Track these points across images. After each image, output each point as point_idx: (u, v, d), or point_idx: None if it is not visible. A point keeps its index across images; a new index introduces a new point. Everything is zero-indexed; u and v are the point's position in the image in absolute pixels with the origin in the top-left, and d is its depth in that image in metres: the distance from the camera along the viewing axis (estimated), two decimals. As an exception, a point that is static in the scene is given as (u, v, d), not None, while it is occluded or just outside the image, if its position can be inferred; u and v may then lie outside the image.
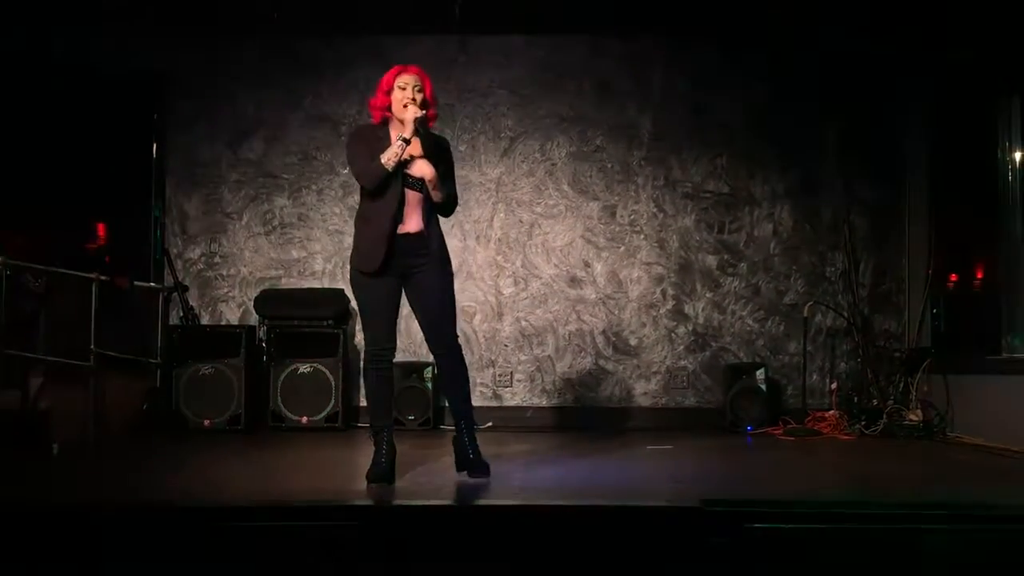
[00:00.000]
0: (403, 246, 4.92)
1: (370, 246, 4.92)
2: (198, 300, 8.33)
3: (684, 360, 8.32)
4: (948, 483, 5.40)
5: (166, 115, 8.46)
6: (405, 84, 4.97)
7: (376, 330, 5.02)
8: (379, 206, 4.91)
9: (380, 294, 4.97)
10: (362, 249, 4.98)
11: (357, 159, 5.00)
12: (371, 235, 4.93)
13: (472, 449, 5.08)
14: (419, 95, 4.96)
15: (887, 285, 8.35)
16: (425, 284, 5.01)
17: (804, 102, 8.35)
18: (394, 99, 4.97)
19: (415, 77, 5.00)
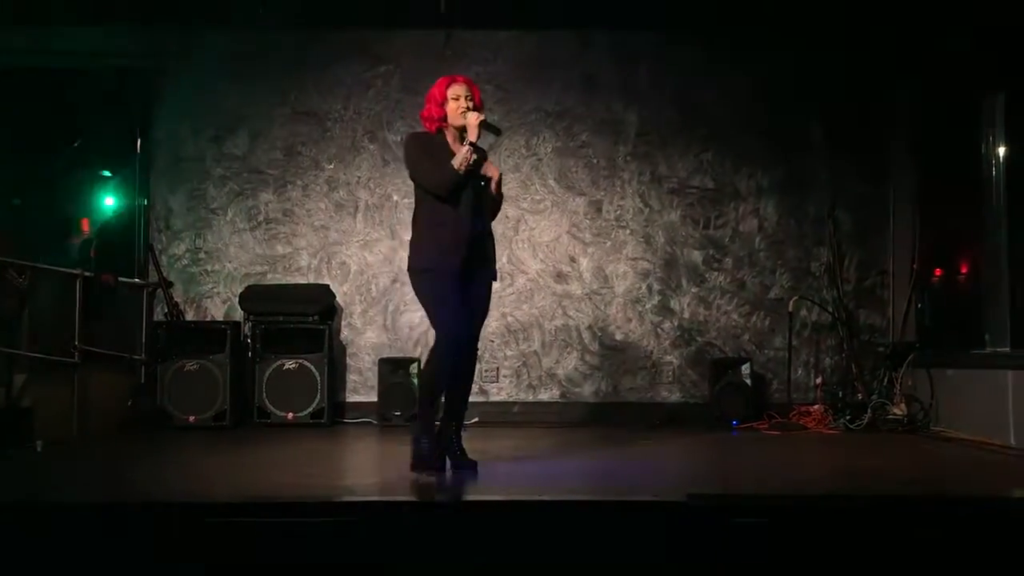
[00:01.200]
0: (477, 244, 5.10)
1: (449, 247, 5.04)
2: (183, 296, 8.30)
3: (670, 355, 8.34)
4: (932, 477, 5.43)
5: (151, 110, 8.41)
6: (458, 95, 5.17)
7: (457, 319, 5.05)
8: (453, 209, 5.07)
9: (456, 290, 5.04)
10: (438, 251, 5.06)
11: (425, 167, 5.15)
12: (448, 237, 5.05)
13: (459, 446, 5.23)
14: (471, 103, 5.17)
15: (872, 280, 8.38)
16: (477, 283, 5.16)
17: (789, 97, 8.38)
18: (449, 110, 5.18)
19: (465, 87, 5.22)
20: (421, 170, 5.17)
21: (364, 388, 8.26)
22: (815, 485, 5.15)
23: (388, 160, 8.42)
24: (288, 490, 4.64)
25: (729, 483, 5.11)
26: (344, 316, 8.34)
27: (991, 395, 6.60)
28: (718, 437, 7.21)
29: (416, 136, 5.31)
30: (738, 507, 4.09)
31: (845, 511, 4.17)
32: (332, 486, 4.91)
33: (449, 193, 5.05)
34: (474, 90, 5.23)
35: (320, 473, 5.37)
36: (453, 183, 5.04)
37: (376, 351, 8.28)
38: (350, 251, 8.39)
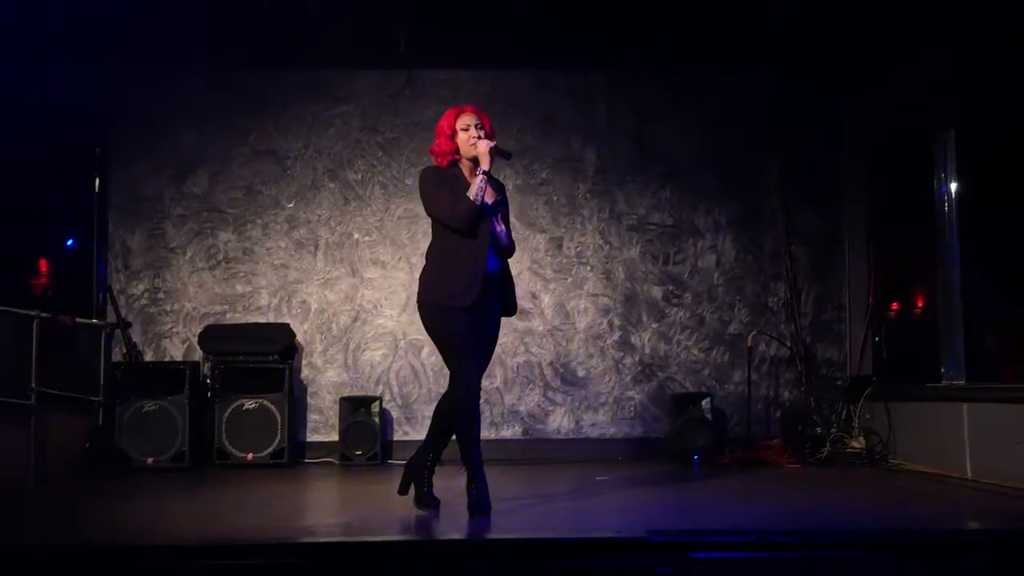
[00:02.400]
0: (490, 284, 5.04)
1: (466, 282, 4.96)
2: (141, 336, 8.23)
3: (631, 390, 8.37)
4: (890, 509, 5.48)
5: (109, 149, 8.38)
6: (467, 125, 5.11)
7: (471, 363, 5.02)
8: (470, 242, 4.99)
9: (469, 328, 4.99)
10: (454, 285, 4.99)
11: (441, 201, 5.04)
12: (464, 270, 4.98)
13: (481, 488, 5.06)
14: (481, 131, 5.10)
15: (828, 314, 8.48)
16: (490, 326, 5.15)
17: (746, 134, 8.50)
18: (460, 141, 5.12)
19: (473, 116, 5.15)
20: (437, 203, 5.07)
21: (325, 427, 8.21)
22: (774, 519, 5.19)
23: (349, 198, 8.43)
24: (248, 532, 4.61)
25: (690, 518, 5.13)
26: (304, 355, 8.31)
27: (947, 428, 6.68)
28: (679, 472, 7.24)
29: (429, 170, 5.21)
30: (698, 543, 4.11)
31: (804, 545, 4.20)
32: (292, 527, 4.87)
33: (467, 225, 4.96)
34: (483, 118, 5.15)
35: (280, 514, 5.34)
36: (470, 215, 4.95)
37: (337, 390, 8.24)
38: (310, 289, 8.37)
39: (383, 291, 8.38)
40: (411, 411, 8.28)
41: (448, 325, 5.01)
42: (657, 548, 4.05)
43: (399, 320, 8.35)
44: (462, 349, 5.00)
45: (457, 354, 5.03)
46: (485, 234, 5.00)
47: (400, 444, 8.17)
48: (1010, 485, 5.86)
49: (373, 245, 8.42)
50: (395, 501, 5.28)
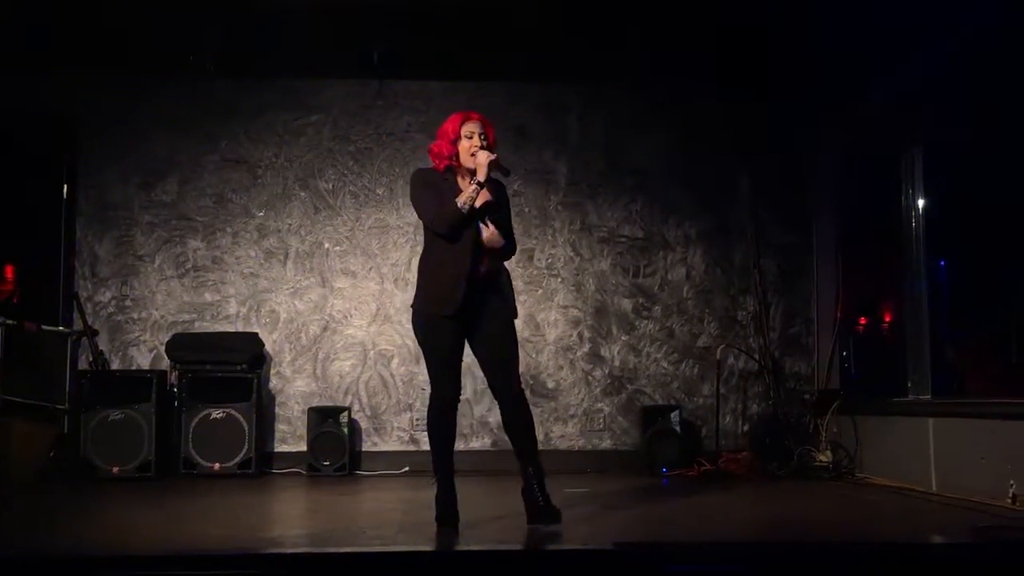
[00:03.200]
0: (477, 288, 4.92)
1: (447, 289, 4.89)
2: (108, 344, 8.16)
3: (601, 403, 8.38)
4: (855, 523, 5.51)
5: (77, 156, 8.32)
6: (471, 132, 5.01)
7: (445, 375, 4.99)
8: (455, 249, 4.91)
9: (450, 339, 4.95)
10: (436, 292, 4.94)
11: (427, 204, 5.00)
12: (447, 278, 4.90)
13: (543, 497, 4.95)
14: (484, 141, 5.02)
15: (796, 328, 8.53)
16: (492, 329, 5.01)
17: (716, 148, 8.55)
18: (461, 148, 5.01)
19: (479, 124, 5.05)
20: (422, 205, 5.04)
21: (293, 438, 8.17)
22: (742, 532, 5.21)
23: (319, 207, 8.40)
24: (213, 542, 4.57)
25: (658, 531, 5.13)
26: (273, 365, 8.26)
27: (913, 442, 6.73)
28: (648, 484, 7.25)
29: (420, 172, 5.17)
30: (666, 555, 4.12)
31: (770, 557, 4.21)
32: (259, 538, 4.83)
33: (449, 230, 4.89)
34: (488, 128, 5.07)
35: (247, 525, 5.30)
36: (453, 220, 4.87)
37: (305, 400, 8.20)
38: (280, 299, 8.33)
39: (353, 301, 8.36)
40: (380, 422, 8.25)
41: (429, 333, 4.99)
42: (625, 561, 4.05)
43: (368, 330, 8.33)
44: (437, 359, 4.99)
45: (433, 363, 5.02)
46: (469, 240, 4.91)
47: (368, 455, 8.15)
48: (975, 500, 5.91)
49: (343, 255, 8.40)
50: (362, 512, 5.26)
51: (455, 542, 4.62)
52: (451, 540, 4.66)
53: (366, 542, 4.61)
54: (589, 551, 4.22)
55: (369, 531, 4.96)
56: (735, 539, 4.89)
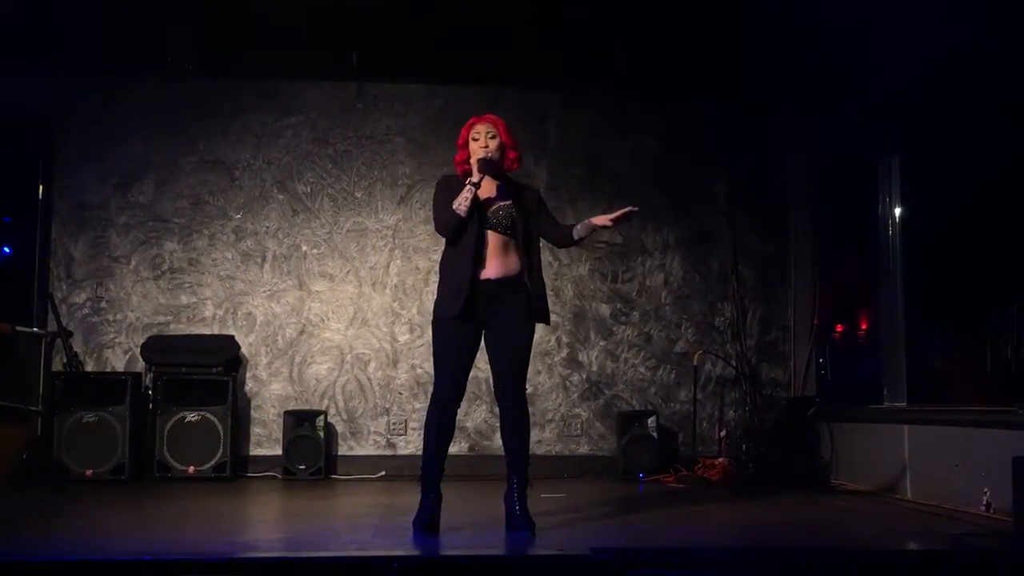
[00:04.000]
0: (484, 292, 4.92)
1: (453, 291, 4.92)
2: (83, 346, 8.10)
3: (578, 408, 8.38)
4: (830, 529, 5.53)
5: (53, 156, 8.25)
6: (478, 134, 5.05)
7: (445, 376, 4.99)
8: (460, 251, 4.94)
9: (456, 341, 4.95)
10: (445, 294, 4.98)
11: (437, 209, 5.04)
12: (453, 280, 4.94)
13: (520, 504, 4.99)
14: (493, 141, 5.03)
15: (773, 335, 8.56)
16: (504, 332, 5.00)
17: (694, 155, 8.59)
18: (471, 151, 5.05)
19: (487, 125, 5.08)
20: (434, 210, 5.12)
21: (268, 441, 8.13)
22: (718, 537, 5.22)
23: (297, 210, 8.37)
24: (187, 546, 4.54)
25: (633, 536, 5.13)
26: (249, 368, 8.22)
27: (889, 449, 6.78)
28: (624, 490, 7.26)
29: (444, 178, 5.20)
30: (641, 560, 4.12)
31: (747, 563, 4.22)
32: (233, 542, 4.80)
33: (447, 233, 4.95)
34: (499, 127, 5.07)
35: (221, 528, 5.27)
36: (450, 224, 4.91)
37: (281, 403, 8.17)
38: (256, 301, 8.30)
39: (330, 304, 8.33)
40: (356, 426, 8.22)
41: (436, 333, 5.02)
42: (601, 566, 4.05)
43: (346, 334, 8.30)
44: (440, 359, 5.02)
45: (436, 363, 5.06)
46: (471, 244, 4.92)
47: (344, 459, 8.12)
48: (948, 506, 5.95)
49: (321, 258, 8.37)
50: (338, 516, 5.24)
51: (431, 546, 4.60)
52: (427, 544, 4.64)
53: (341, 546, 4.59)
54: (565, 556, 4.22)
55: (344, 535, 4.94)
56: (711, 545, 4.90)
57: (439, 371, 5.04)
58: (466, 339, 4.99)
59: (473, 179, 4.92)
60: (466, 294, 4.88)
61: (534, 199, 5.19)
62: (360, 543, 4.65)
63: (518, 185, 5.18)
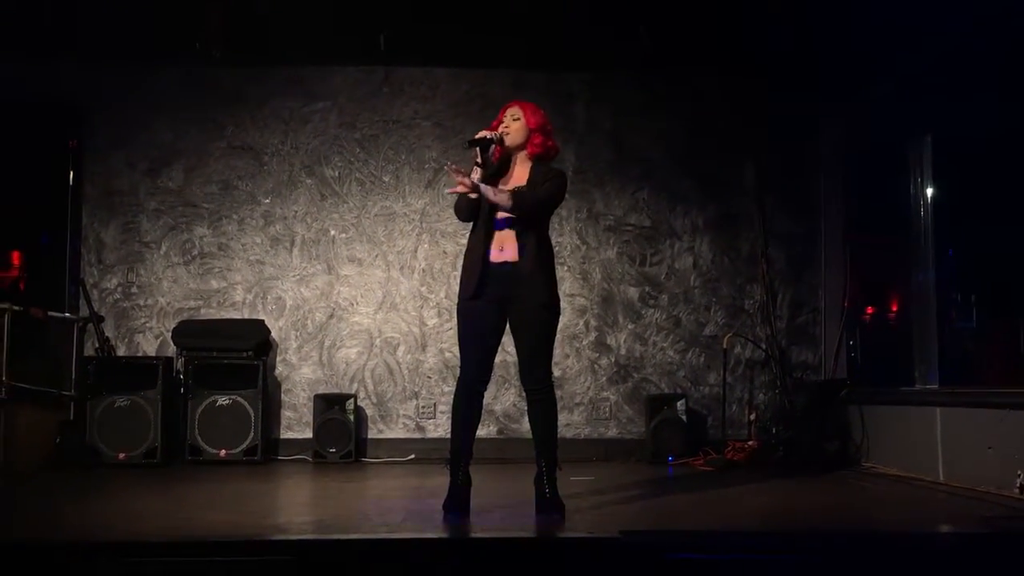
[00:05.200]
0: (497, 274, 4.96)
1: (469, 273, 5.01)
2: (114, 331, 8.16)
3: (606, 391, 8.37)
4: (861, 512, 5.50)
5: (83, 143, 8.31)
6: (506, 117, 5.13)
7: (469, 358, 5.05)
8: (476, 234, 5.04)
9: (476, 323, 5.01)
10: (463, 276, 5.07)
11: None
12: (469, 262, 5.03)
13: (549, 487, 5.00)
14: (515, 123, 5.09)
15: (804, 317, 8.51)
16: (519, 318, 5.02)
17: (723, 137, 8.52)
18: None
19: (514, 108, 5.16)
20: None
21: (299, 424, 8.17)
22: (748, 521, 5.20)
23: (326, 195, 8.39)
24: (219, 528, 4.57)
25: (662, 519, 5.13)
26: (279, 352, 8.26)
27: (921, 432, 6.72)
28: (653, 473, 7.25)
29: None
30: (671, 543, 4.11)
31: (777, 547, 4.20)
32: (264, 524, 4.84)
33: (460, 215, 5.10)
34: (526, 110, 5.12)
35: (252, 511, 5.30)
36: (457, 205, 5.09)
37: (311, 387, 8.20)
38: (286, 286, 8.33)
39: (359, 288, 8.35)
40: (386, 409, 8.25)
41: (459, 315, 5.11)
42: (631, 548, 4.04)
43: (375, 318, 8.32)
44: (463, 341, 5.08)
45: (460, 344, 5.13)
46: (485, 226, 4.98)
47: (374, 442, 8.15)
48: (981, 489, 5.90)
49: (350, 242, 8.39)
50: (368, 499, 5.26)
51: (461, 529, 4.61)
52: (457, 527, 4.65)
53: (372, 529, 4.61)
54: (595, 539, 4.21)
55: (375, 518, 4.96)
56: (740, 528, 4.89)
57: (463, 353, 5.09)
58: (486, 321, 5.01)
59: (480, 160, 5.00)
60: (479, 275, 4.94)
61: (551, 176, 5.10)
62: (391, 525, 4.67)
63: (547, 169, 5.13)
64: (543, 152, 5.14)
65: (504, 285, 4.96)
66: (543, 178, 5.06)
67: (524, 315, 5.00)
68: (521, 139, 5.09)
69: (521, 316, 5.01)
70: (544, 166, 5.13)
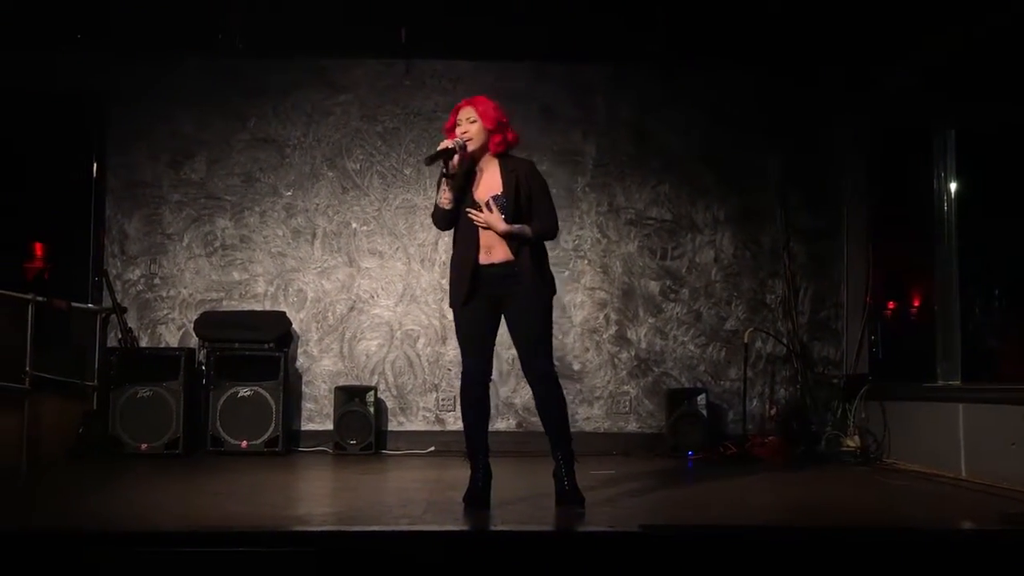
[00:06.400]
0: (490, 275, 4.96)
1: (456, 278, 5.03)
2: (137, 322, 8.22)
3: (627, 385, 8.36)
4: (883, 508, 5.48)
5: (106, 134, 8.35)
6: (461, 120, 5.05)
7: (467, 358, 5.08)
8: (461, 238, 5.02)
9: (470, 325, 5.03)
10: (452, 283, 5.09)
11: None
12: (457, 267, 5.04)
13: (568, 479, 5.00)
14: (472, 126, 5.00)
15: (825, 312, 8.46)
16: (516, 313, 5.02)
17: (745, 130, 8.48)
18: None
19: (468, 109, 5.06)
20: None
21: (320, 416, 8.20)
22: (768, 516, 5.19)
23: (347, 187, 8.41)
24: (240, 519, 4.59)
25: (682, 514, 5.11)
26: (300, 343, 8.29)
27: (943, 428, 6.68)
28: (673, 467, 7.23)
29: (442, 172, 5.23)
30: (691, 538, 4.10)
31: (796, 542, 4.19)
32: (285, 516, 4.86)
33: (441, 225, 5.11)
34: (481, 108, 5.03)
35: (273, 502, 5.32)
36: (436, 217, 5.07)
37: (332, 379, 8.23)
38: (307, 278, 8.36)
39: (380, 281, 8.37)
40: (406, 401, 8.27)
41: (454, 316, 5.14)
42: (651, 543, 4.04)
43: (395, 310, 8.34)
44: (461, 339, 5.11)
45: (459, 343, 5.15)
46: (470, 231, 4.95)
47: (394, 434, 8.18)
48: (1004, 486, 5.86)
49: (371, 235, 8.40)
50: (389, 491, 5.27)
51: (482, 522, 4.62)
52: (478, 520, 4.66)
53: (393, 521, 4.62)
54: (615, 533, 4.22)
55: (396, 510, 4.97)
56: (760, 523, 4.87)
57: (462, 353, 5.12)
58: (480, 321, 5.03)
59: (447, 171, 4.91)
60: (469, 281, 4.94)
61: (525, 174, 5.08)
62: (412, 517, 4.68)
63: (514, 163, 5.10)
64: (505, 148, 5.11)
65: (498, 285, 4.97)
66: (526, 179, 5.03)
67: (521, 310, 5.00)
68: (482, 140, 5.03)
69: (518, 312, 5.00)
70: (511, 160, 5.10)
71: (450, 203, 4.96)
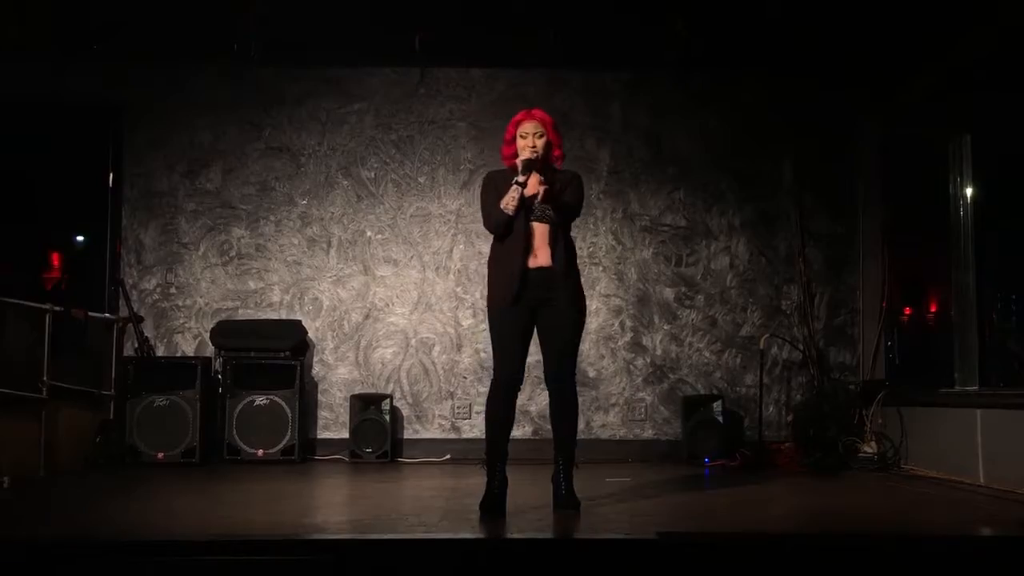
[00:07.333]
0: (534, 279, 5.08)
1: (504, 282, 5.09)
2: (153, 331, 8.24)
3: (642, 392, 8.35)
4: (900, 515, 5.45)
5: (122, 144, 8.40)
6: (526, 133, 5.17)
7: (504, 363, 5.14)
8: (510, 244, 5.11)
9: (512, 328, 5.11)
10: (497, 286, 5.16)
11: (484, 207, 5.24)
12: (504, 272, 5.11)
13: (566, 484, 5.16)
14: (540, 140, 5.15)
15: (842, 318, 8.44)
16: (551, 320, 5.13)
17: (760, 137, 8.47)
18: (518, 147, 5.16)
19: (534, 124, 5.19)
20: (482, 209, 5.28)
21: (335, 425, 8.21)
22: (785, 523, 5.17)
23: (362, 196, 8.43)
24: (257, 528, 4.60)
25: (699, 521, 5.10)
26: (316, 352, 8.31)
27: (960, 433, 6.64)
28: (690, 474, 7.21)
29: (489, 175, 5.36)
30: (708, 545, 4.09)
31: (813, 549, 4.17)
32: (302, 524, 4.86)
33: (497, 232, 5.14)
34: (547, 126, 5.19)
35: (290, 510, 5.33)
36: (501, 223, 5.09)
37: (348, 387, 8.24)
38: (323, 287, 8.37)
39: (395, 289, 8.38)
40: (421, 409, 8.27)
41: (493, 320, 5.20)
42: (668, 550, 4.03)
43: (410, 318, 8.35)
44: (496, 343, 5.18)
45: (494, 347, 5.21)
46: (521, 238, 5.06)
47: (410, 442, 8.18)
48: (1022, 492, 5.82)
49: (386, 243, 8.42)
50: (405, 499, 5.27)
51: (498, 529, 4.62)
52: (494, 527, 4.66)
53: (409, 529, 4.62)
54: (632, 540, 4.20)
55: (412, 518, 4.97)
56: (777, 530, 4.85)
57: (497, 358, 5.18)
58: (520, 326, 5.12)
59: (519, 179, 5.03)
60: (517, 283, 5.04)
61: (567, 179, 5.27)
62: (428, 525, 4.68)
63: (563, 176, 5.27)
64: (562, 164, 5.33)
65: (539, 289, 5.08)
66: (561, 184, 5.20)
67: (557, 317, 5.13)
68: (546, 154, 5.19)
69: (555, 318, 5.13)
70: (559, 171, 5.27)
71: (514, 211, 5.04)
